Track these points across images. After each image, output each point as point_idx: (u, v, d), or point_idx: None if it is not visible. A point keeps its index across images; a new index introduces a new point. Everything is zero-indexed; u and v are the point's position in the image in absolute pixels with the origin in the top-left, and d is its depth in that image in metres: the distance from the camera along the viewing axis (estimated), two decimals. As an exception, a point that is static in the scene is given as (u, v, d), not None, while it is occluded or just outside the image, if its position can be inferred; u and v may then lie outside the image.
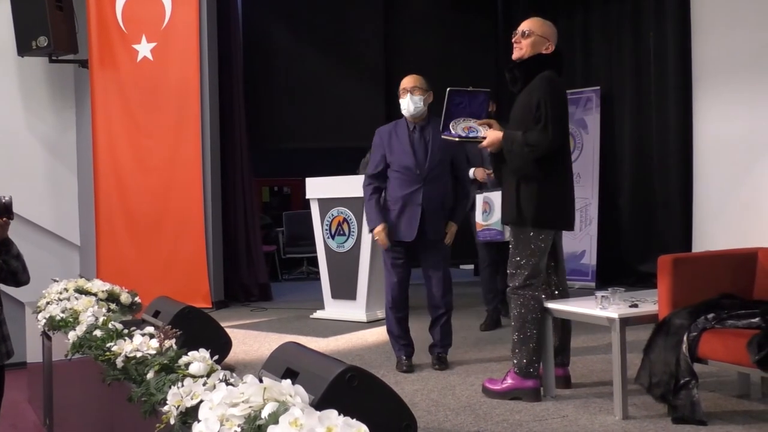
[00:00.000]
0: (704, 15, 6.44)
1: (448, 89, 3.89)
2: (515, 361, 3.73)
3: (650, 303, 3.58)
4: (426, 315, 4.64)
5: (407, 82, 4.48)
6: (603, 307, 3.49)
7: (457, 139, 3.86)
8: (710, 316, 3.25)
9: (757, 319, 3.16)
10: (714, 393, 3.70)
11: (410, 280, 4.59)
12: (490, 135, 3.74)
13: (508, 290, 3.80)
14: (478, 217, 5.45)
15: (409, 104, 4.43)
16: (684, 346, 3.21)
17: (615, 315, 3.37)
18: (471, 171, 5.28)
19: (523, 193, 3.68)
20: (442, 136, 3.91)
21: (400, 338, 4.56)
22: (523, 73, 3.74)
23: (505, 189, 3.84)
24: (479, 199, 5.43)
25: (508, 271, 3.78)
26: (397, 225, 4.46)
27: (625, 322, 3.38)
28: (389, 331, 4.63)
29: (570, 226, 3.88)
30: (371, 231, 4.56)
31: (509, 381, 3.73)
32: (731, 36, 6.14)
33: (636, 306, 3.53)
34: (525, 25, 3.77)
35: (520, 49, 3.75)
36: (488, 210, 5.37)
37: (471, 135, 3.84)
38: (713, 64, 6.35)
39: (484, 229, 5.42)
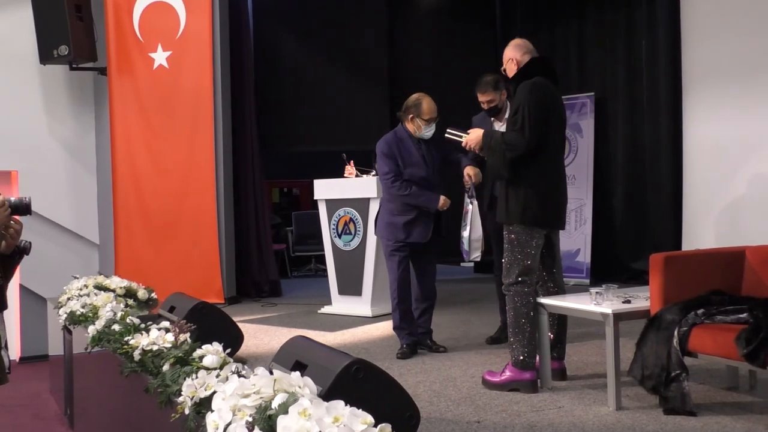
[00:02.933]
0: (694, 24, 6.43)
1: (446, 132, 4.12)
2: (512, 355, 3.73)
3: (642, 299, 3.57)
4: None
5: (435, 111, 4.62)
6: (597, 303, 3.49)
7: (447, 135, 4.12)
8: (700, 311, 3.25)
9: (744, 315, 3.15)
10: (704, 385, 3.69)
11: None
12: (473, 133, 3.92)
13: (503, 287, 3.81)
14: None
15: (432, 132, 4.64)
16: (675, 341, 3.20)
17: (609, 310, 3.37)
18: (466, 169, 4.60)
19: (511, 193, 3.73)
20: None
21: (404, 329, 4.67)
22: (514, 87, 3.84)
23: (499, 189, 3.93)
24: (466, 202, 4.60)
25: (503, 268, 3.80)
26: (412, 229, 4.59)
27: (618, 317, 3.37)
28: (396, 327, 4.73)
29: (559, 226, 3.88)
30: (438, 208, 4.56)
31: (507, 373, 3.73)
32: (720, 45, 6.13)
33: (629, 302, 3.52)
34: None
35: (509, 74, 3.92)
36: (464, 222, 4.51)
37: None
38: (702, 71, 6.34)
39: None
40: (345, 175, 6.39)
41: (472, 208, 4.42)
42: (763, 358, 2.89)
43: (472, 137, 3.89)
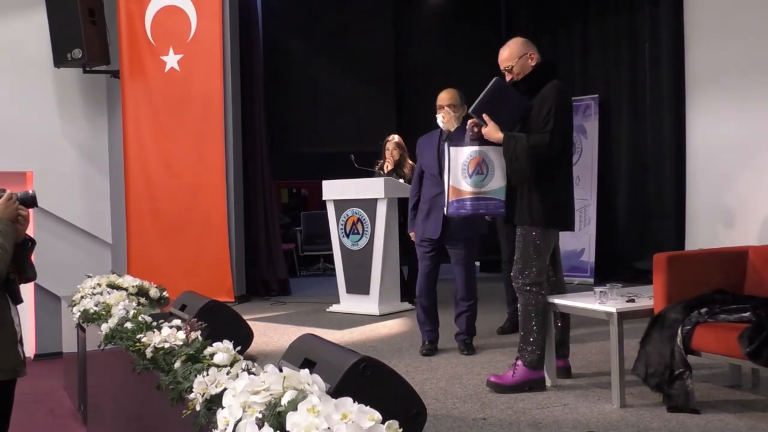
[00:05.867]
0: (697, 27, 6.41)
1: (495, 78, 3.69)
2: (525, 356, 3.66)
3: (646, 298, 3.56)
4: (450, 308, 4.79)
5: (442, 99, 4.67)
6: (601, 302, 3.47)
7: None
8: (703, 310, 3.23)
9: (747, 314, 3.13)
10: (707, 383, 3.68)
11: (440, 274, 4.75)
12: (491, 127, 3.62)
13: (516, 287, 3.72)
14: (465, 182, 3.69)
15: (441, 119, 4.63)
16: (678, 339, 3.19)
17: (613, 309, 3.36)
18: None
19: (535, 195, 3.63)
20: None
21: (425, 324, 4.68)
22: (528, 86, 3.72)
23: (516, 191, 3.73)
24: (465, 153, 3.71)
25: (515, 269, 3.71)
26: (426, 223, 4.66)
27: (623, 316, 3.36)
28: (418, 320, 4.77)
29: (573, 226, 3.86)
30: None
31: (521, 374, 3.65)
32: (722, 47, 6.10)
33: (633, 301, 3.51)
34: (503, 62, 3.79)
35: (512, 77, 3.76)
36: (485, 171, 3.68)
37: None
38: (705, 74, 6.31)
39: (477, 197, 3.70)
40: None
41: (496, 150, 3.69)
42: (765, 357, 2.87)
43: (491, 132, 3.62)
